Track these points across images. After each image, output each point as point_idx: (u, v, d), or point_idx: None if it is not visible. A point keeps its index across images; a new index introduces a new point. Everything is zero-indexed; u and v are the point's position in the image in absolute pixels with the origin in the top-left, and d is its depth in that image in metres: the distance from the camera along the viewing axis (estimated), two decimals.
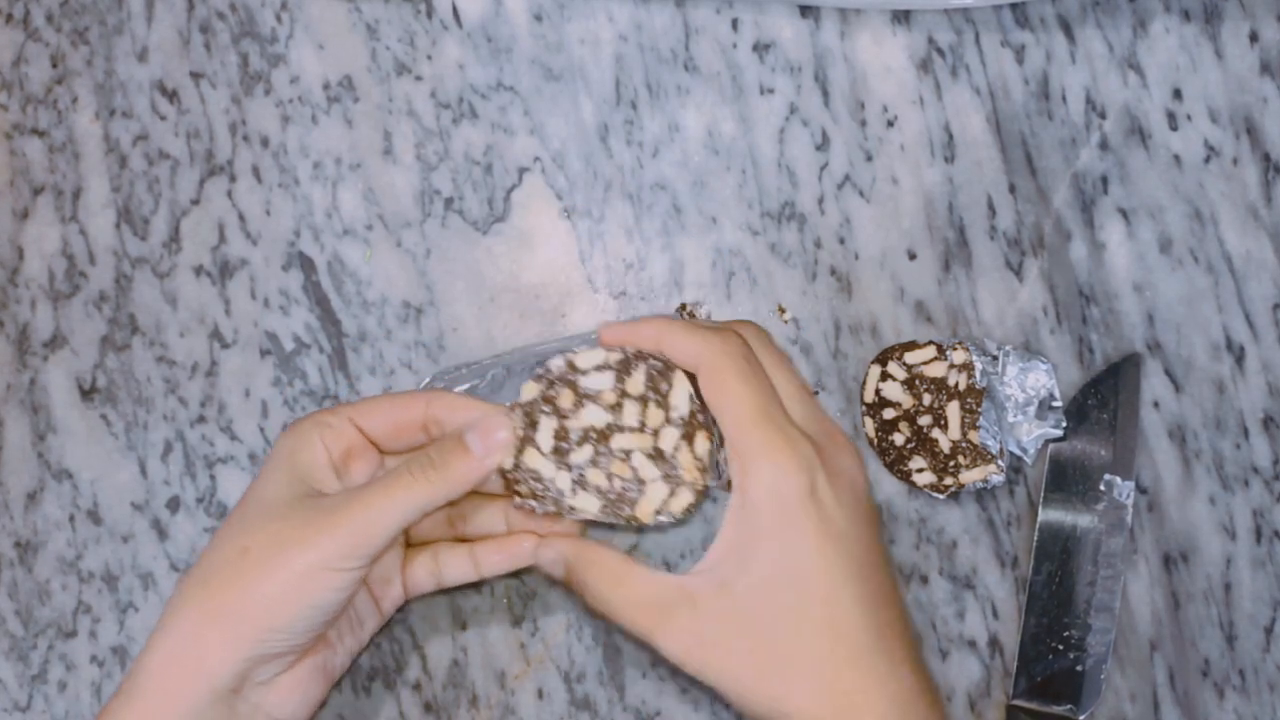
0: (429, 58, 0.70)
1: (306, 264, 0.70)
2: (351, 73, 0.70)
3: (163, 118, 0.71)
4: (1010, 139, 0.68)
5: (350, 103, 0.70)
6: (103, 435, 0.70)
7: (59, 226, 0.71)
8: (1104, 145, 0.68)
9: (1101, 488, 0.65)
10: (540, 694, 0.68)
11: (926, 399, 0.65)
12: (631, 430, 0.56)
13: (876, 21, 0.69)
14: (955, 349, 0.65)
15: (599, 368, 0.56)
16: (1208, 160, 0.67)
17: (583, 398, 0.56)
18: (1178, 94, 0.68)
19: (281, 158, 0.70)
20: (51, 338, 0.70)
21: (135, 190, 0.71)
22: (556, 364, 0.57)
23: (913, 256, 0.68)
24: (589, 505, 0.56)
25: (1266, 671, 0.66)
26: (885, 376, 0.65)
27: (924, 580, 0.67)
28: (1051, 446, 0.66)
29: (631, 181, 0.69)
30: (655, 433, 0.56)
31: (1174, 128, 0.68)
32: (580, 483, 0.56)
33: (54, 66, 0.71)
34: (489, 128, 0.70)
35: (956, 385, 0.65)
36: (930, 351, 0.65)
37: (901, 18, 0.69)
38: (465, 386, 0.66)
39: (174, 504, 0.69)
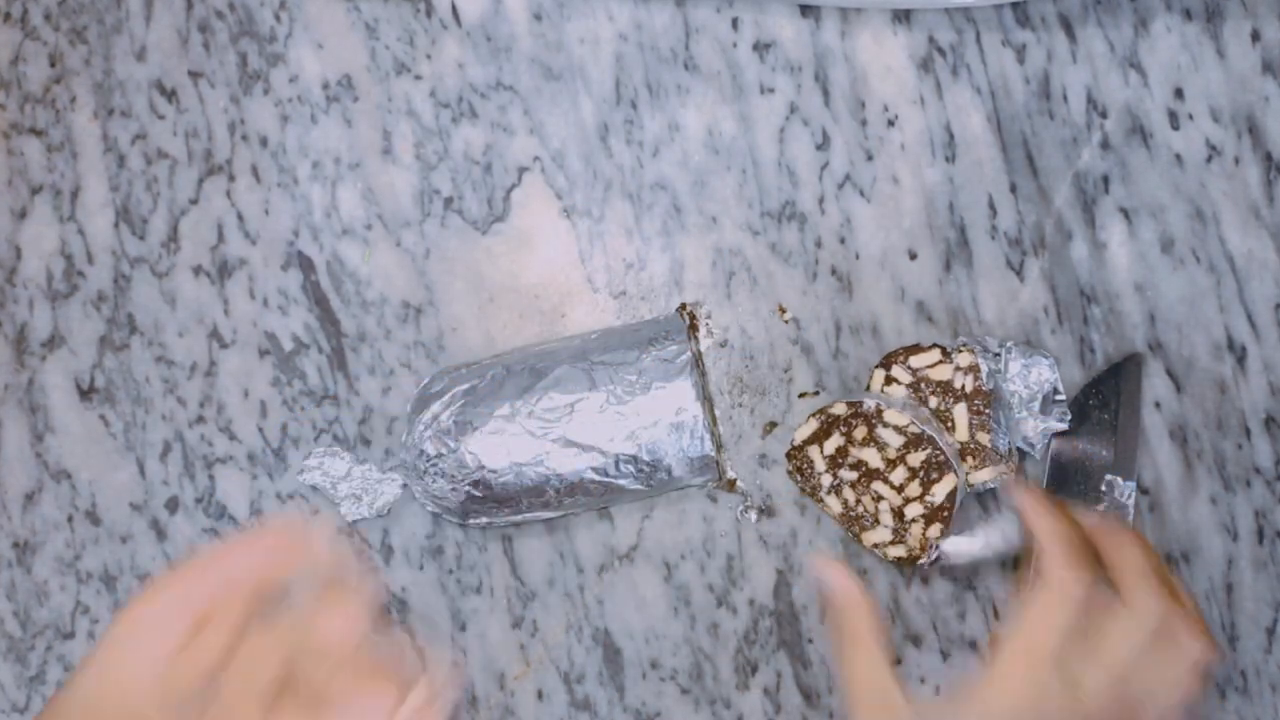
0: (428, 57, 0.70)
1: (305, 264, 0.70)
2: (350, 72, 0.70)
3: (161, 117, 0.71)
4: (1011, 138, 0.68)
5: (349, 102, 0.70)
6: (101, 435, 0.70)
7: (57, 226, 0.71)
8: (1105, 145, 0.68)
9: (1103, 488, 0.65)
10: (540, 695, 0.68)
11: (933, 402, 0.65)
12: (891, 486, 0.64)
13: (877, 21, 0.69)
14: (961, 352, 0.65)
15: (897, 429, 0.64)
16: (1209, 160, 0.67)
17: (872, 440, 0.64)
18: (1179, 93, 0.68)
19: (280, 157, 0.70)
20: (50, 338, 0.70)
21: (134, 190, 0.71)
22: (870, 404, 0.64)
23: (913, 256, 0.68)
24: (834, 507, 0.65)
25: (1268, 672, 0.66)
26: (890, 380, 0.65)
27: (925, 581, 0.67)
28: (1053, 446, 0.66)
29: (631, 181, 0.69)
30: (906, 501, 0.64)
31: (1175, 127, 0.67)
32: (836, 489, 0.65)
33: (52, 65, 0.71)
34: (488, 127, 0.70)
35: (963, 388, 0.64)
36: (935, 355, 0.65)
37: (902, 17, 0.68)
38: (465, 386, 0.66)
39: (173, 504, 0.69)
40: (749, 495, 0.68)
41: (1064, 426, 0.65)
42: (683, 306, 0.68)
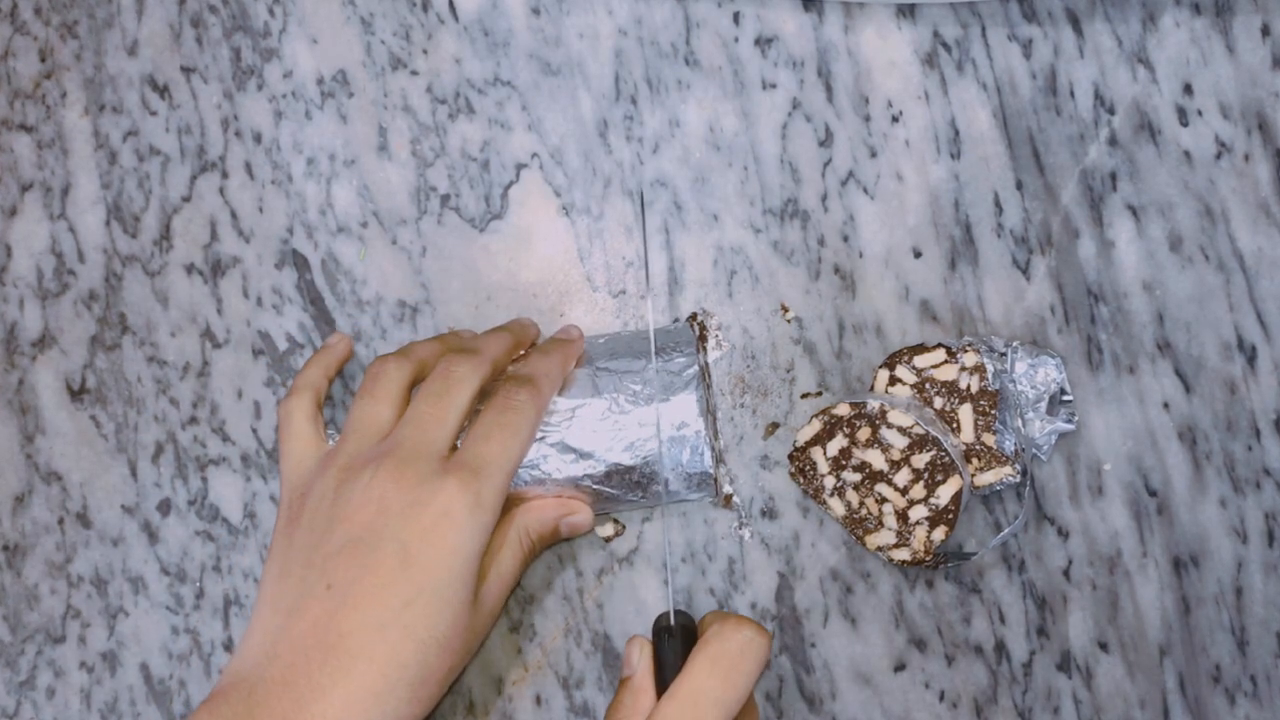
0: (425, 52, 0.69)
1: (300, 262, 0.69)
2: (346, 67, 0.69)
3: (153, 113, 0.70)
4: (1017, 135, 0.67)
5: (344, 98, 0.69)
6: (92, 437, 0.69)
7: (47, 224, 0.70)
8: (1113, 141, 0.67)
9: None
10: (539, 700, 0.67)
11: (938, 403, 0.64)
12: (895, 488, 0.63)
13: (881, 15, 0.68)
14: (966, 351, 0.64)
15: (901, 430, 0.63)
16: (1218, 156, 0.66)
17: (875, 442, 0.63)
18: (1188, 89, 0.67)
19: (274, 154, 0.69)
20: (40, 337, 0.69)
21: (125, 187, 0.70)
22: (874, 404, 0.63)
23: (918, 254, 0.67)
24: (837, 509, 0.64)
25: (1278, 677, 0.65)
26: (894, 380, 0.64)
27: (929, 585, 0.66)
28: None
29: (631, 178, 0.68)
30: (911, 503, 0.63)
31: (1184, 123, 0.67)
32: (839, 491, 0.64)
33: (42, 61, 0.70)
34: (486, 123, 0.69)
35: (968, 388, 0.64)
36: (940, 355, 0.64)
37: (906, 11, 0.67)
38: None
39: (165, 506, 0.68)
40: (745, 510, 0.67)
41: (1071, 427, 0.64)
42: (693, 317, 0.67)
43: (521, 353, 0.65)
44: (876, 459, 0.63)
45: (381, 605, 0.57)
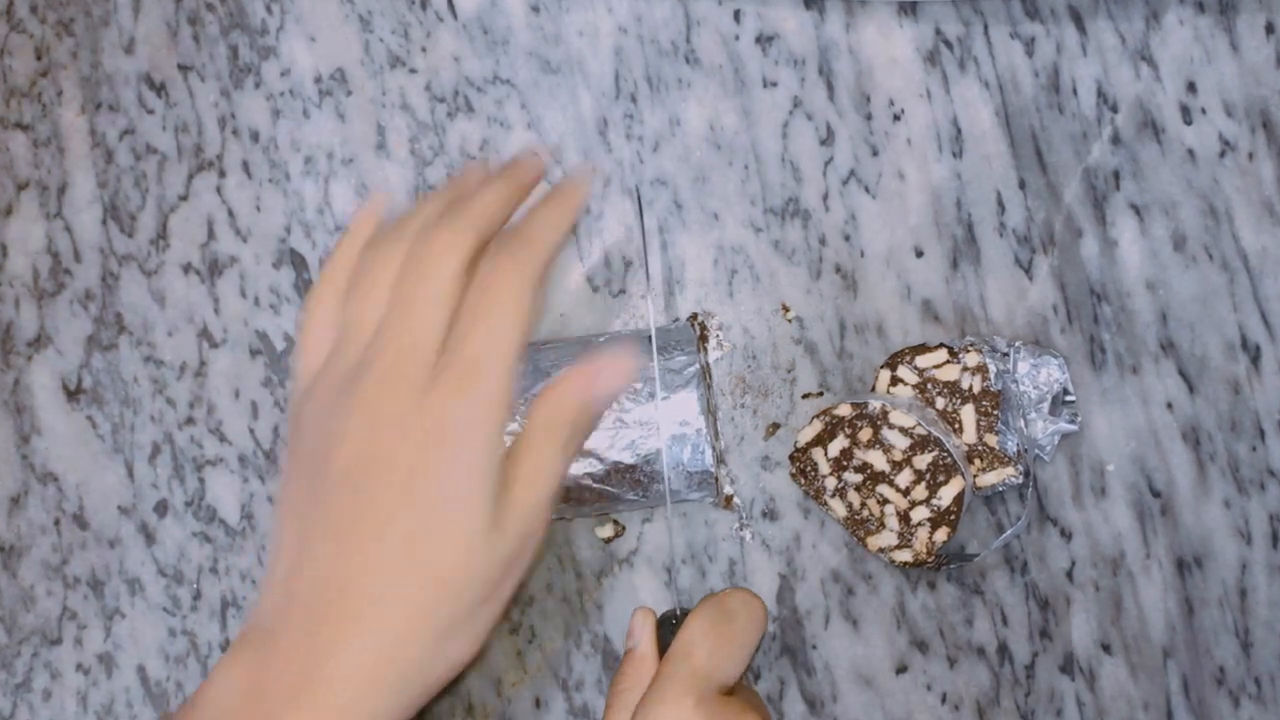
0: (423, 50, 0.69)
1: (298, 261, 0.69)
2: (344, 65, 0.69)
3: (150, 111, 0.69)
4: (1020, 133, 0.67)
5: (343, 96, 0.69)
6: (89, 437, 0.68)
7: (43, 223, 0.69)
8: (1116, 139, 0.66)
9: None
10: (538, 703, 0.67)
11: (940, 403, 0.63)
12: (897, 489, 0.63)
13: (883, 13, 0.67)
14: (968, 351, 0.63)
15: (903, 430, 0.62)
16: (1222, 155, 0.66)
17: (877, 442, 0.63)
18: (1192, 87, 0.66)
19: (272, 152, 0.69)
20: (36, 337, 0.69)
21: (122, 186, 0.69)
22: (875, 405, 0.63)
23: (920, 254, 0.67)
24: (838, 509, 0.64)
25: None
26: (896, 381, 0.64)
27: (931, 586, 0.66)
28: None
29: (631, 177, 0.68)
30: (913, 504, 0.63)
31: (1188, 121, 0.66)
32: (840, 492, 0.64)
33: (38, 59, 0.70)
34: (485, 121, 0.68)
35: (970, 389, 0.63)
36: (942, 355, 0.64)
37: (908, 9, 0.67)
38: None
39: (162, 508, 0.68)
40: (745, 512, 0.66)
41: (1074, 428, 0.64)
42: (694, 317, 0.67)
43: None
44: (878, 460, 0.63)
45: (384, 542, 0.50)
